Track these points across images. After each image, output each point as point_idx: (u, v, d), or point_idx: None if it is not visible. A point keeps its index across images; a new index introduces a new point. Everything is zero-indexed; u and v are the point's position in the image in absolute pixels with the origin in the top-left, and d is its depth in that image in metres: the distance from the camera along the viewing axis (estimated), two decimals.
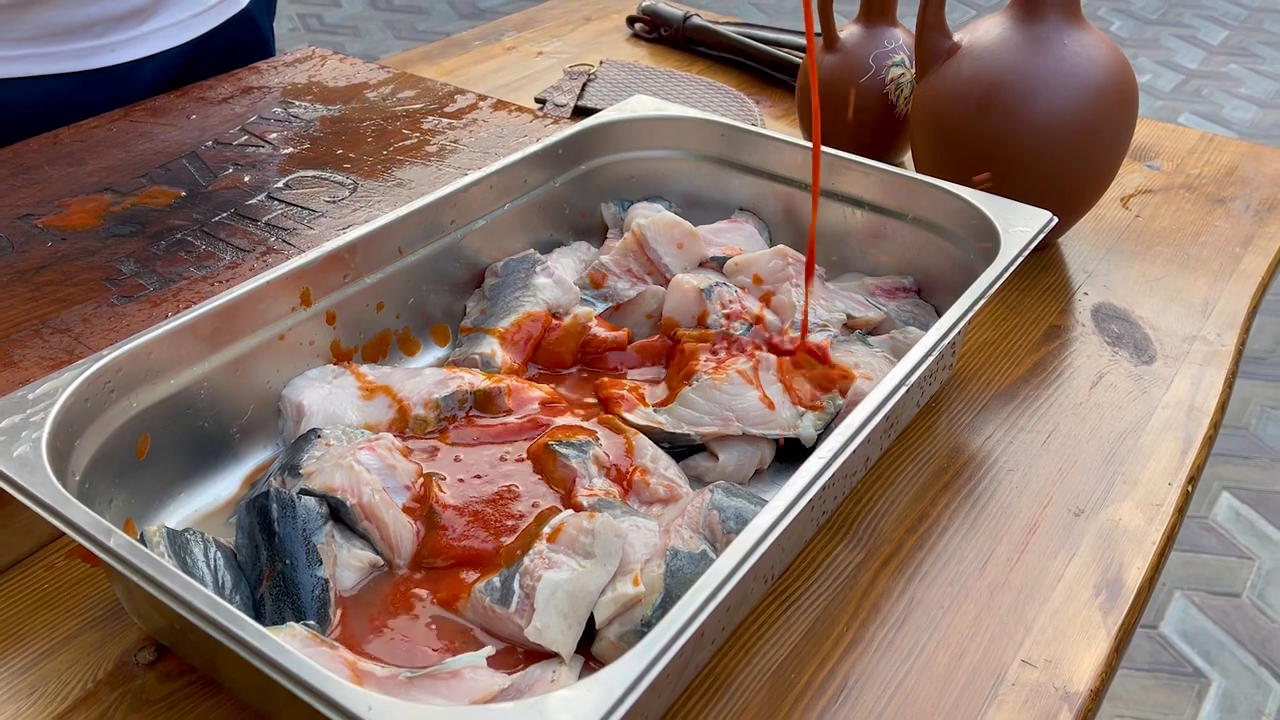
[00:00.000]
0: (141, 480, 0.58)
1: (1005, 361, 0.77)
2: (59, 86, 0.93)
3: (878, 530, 0.63)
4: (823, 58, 0.97)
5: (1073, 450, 0.69)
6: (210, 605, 0.43)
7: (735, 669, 0.54)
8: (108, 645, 0.54)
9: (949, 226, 0.75)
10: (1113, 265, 0.89)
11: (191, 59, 1.03)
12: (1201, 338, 0.80)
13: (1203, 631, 1.71)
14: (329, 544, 0.56)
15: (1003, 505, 0.65)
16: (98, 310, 0.69)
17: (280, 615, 0.52)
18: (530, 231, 0.80)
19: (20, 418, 0.52)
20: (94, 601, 0.57)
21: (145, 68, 0.99)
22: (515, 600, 0.53)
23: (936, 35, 0.86)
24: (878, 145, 0.96)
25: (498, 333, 0.72)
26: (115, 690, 0.52)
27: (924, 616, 0.57)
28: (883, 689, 0.53)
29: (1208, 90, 3.50)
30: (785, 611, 0.57)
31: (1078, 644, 0.56)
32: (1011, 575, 0.60)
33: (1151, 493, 0.66)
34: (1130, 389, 0.75)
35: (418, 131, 0.94)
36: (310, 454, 0.60)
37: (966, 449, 0.69)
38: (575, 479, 0.61)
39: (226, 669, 0.51)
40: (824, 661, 0.55)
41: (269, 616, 0.52)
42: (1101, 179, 0.85)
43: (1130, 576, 0.60)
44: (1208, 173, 1.03)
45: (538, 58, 1.26)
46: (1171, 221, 0.95)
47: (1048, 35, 0.82)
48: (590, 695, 0.40)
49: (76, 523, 0.46)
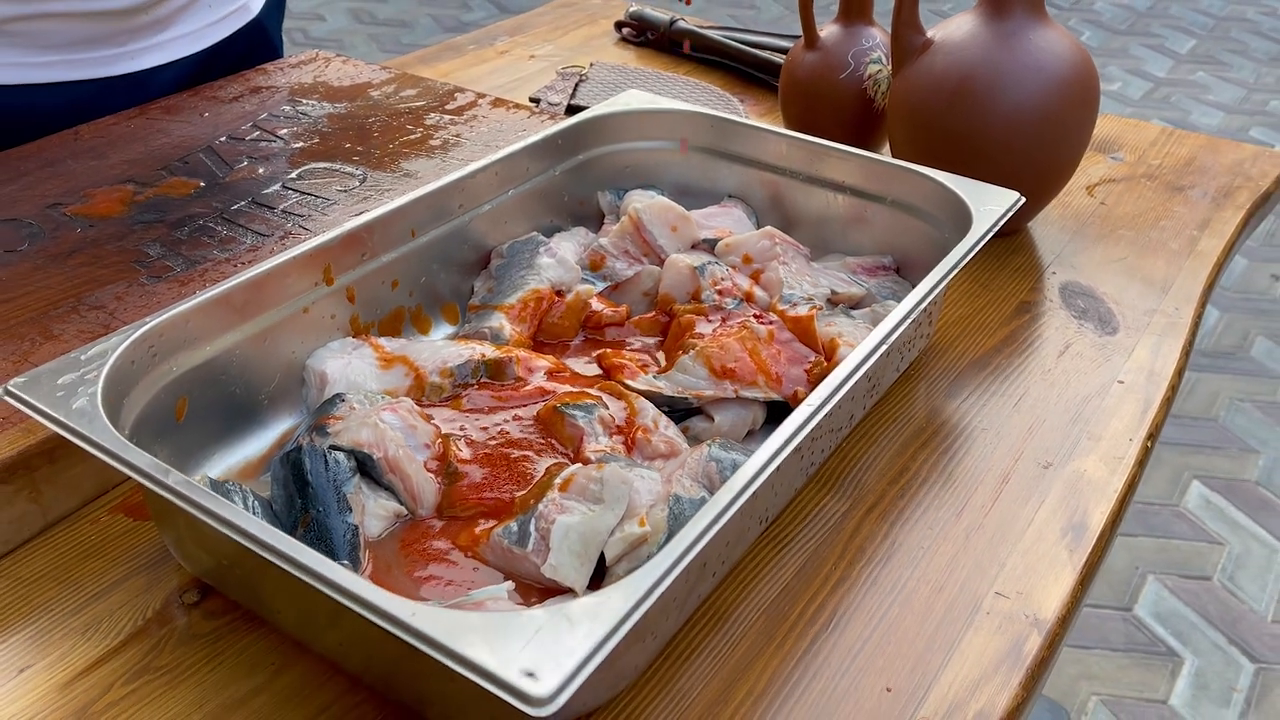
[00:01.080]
0: (180, 440, 0.62)
1: (979, 334, 0.83)
2: (82, 92, 0.98)
3: (862, 482, 0.68)
4: (804, 57, 1.02)
5: (1042, 411, 0.74)
6: (267, 533, 0.47)
7: (734, 602, 0.59)
8: (154, 589, 0.59)
9: (925, 208, 0.81)
10: (1079, 247, 0.95)
11: (205, 65, 1.08)
12: (1161, 311, 0.86)
13: (1175, 613, 1.77)
14: (357, 494, 0.60)
15: (977, 460, 0.70)
16: (129, 289, 0.73)
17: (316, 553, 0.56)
18: (532, 217, 0.85)
19: (75, 375, 0.56)
20: (139, 551, 0.61)
21: (163, 74, 1.03)
22: (532, 541, 0.58)
23: (911, 32, 0.91)
24: (858, 137, 1.02)
25: (505, 309, 0.77)
26: (164, 627, 0.57)
27: (905, 556, 0.62)
28: (869, 619, 0.58)
29: (1176, 97, 3.59)
30: (779, 553, 0.62)
31: (1046, 578, 0.61)
32: (986, 520, 0.65)
33: (1114, 447, 0.71)
34: (1095, 357, 0.80)
35: (421, 127, 0.99)
36: (336, 415, 0.65)
37: (943, 411, 0.74)
38: (583, 438, 0.66)
39: (272, 599, 0.55)
40: (814, 596, 0.60)
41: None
42: (1067, 165, 0.91)
43: (1094, 520, 0.65)
44: (1168, 163, 1.09)
45: (530, 60, 1.31)
46: (1134, 208, 1.01)
47: (1014, 31, 0.87)
48: (610, 601, 0.44)
49: (139, 465, 0.51)
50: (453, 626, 0.43)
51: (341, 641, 0.53)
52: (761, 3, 4.32)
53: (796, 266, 0.80)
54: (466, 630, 0.43)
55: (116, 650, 0.55)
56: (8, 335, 0.69)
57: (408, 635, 0.43)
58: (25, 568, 0.60)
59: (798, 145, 0.86)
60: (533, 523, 0.58)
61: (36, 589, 0.59)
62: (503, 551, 0.59)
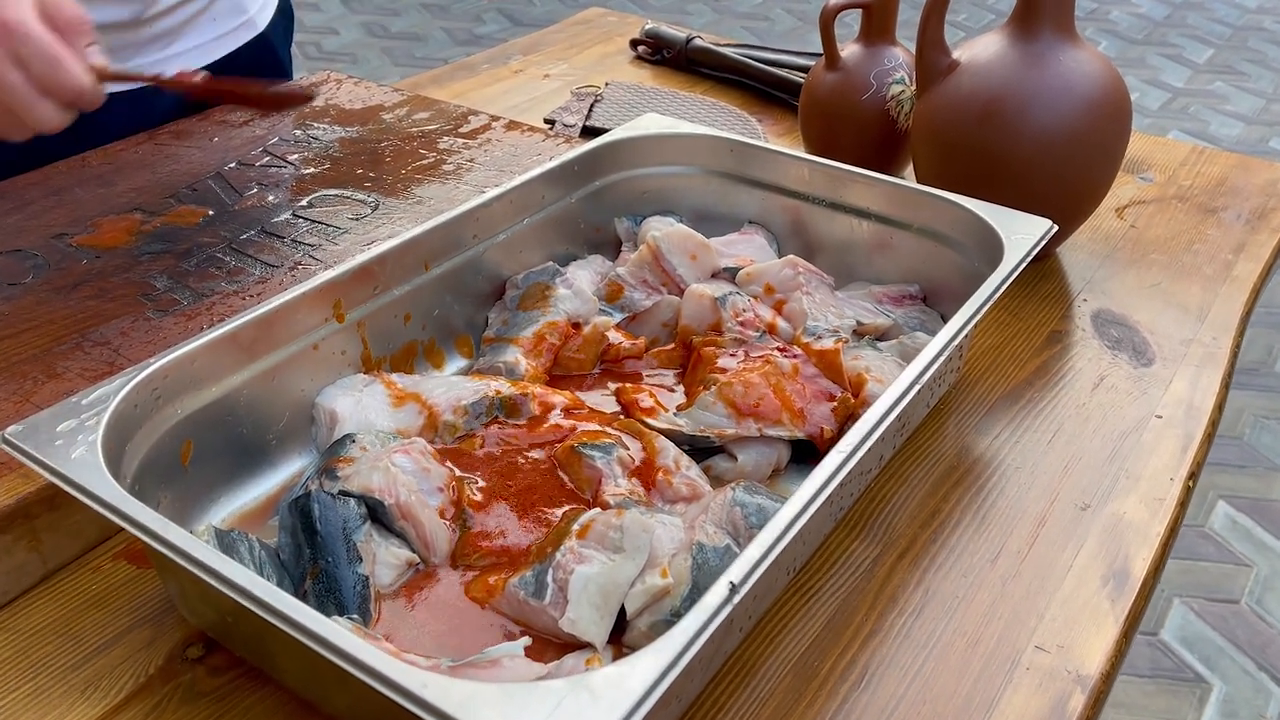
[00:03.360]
0: (185, 484, 0.60)
1: (1010, 365, 0.80)
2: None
3: (892, 526, 0.65)
4: (825, 77, 1.00)
5: (1077, 448, 0.72)
6: (268, 593, 0.45)
7: (761, 657, 0.56)
8: (158, 642, 0.57)
9: (953, 235, 0.78)
10: (1110, 273, 0.92)
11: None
12: (1198, 340, 0.83)
13: (1202, 638, 1.73)
14: (368, 542, 0.58)
15: (1011, 501, 0.67)
16: (135, 324, 0.71)
17: (324, 610, 0.54)
18: (547, 246, 0.83)
19: (75, 423, 0.54)
20: (142, 601, 0.59)
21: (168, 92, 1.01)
22: (550, 593, 0.55)
23: (936, 53, 0.89)
24: (880, 160, 0.99)
25: (520, 342, 0.74)
26: (167, 684, 0.54)
27: (939, 606, 0.60)
28: (902, 675, 0.56)
29: (1195, 108, 3.55)
30: (807, 603, 0.60)
31: (1088, 630, 0.58)
32: (1022, 566, 0.62)
33: (1154, 487, 0.68)
34: (1130, 390, 0.77)
35: (434, 151, 0.97)
36: (346, 456, 0.62)
37: (975, 448, 0.72)
38: (601, 479, 0.64)
39: (277, 658, 0.53)
40: (845, 650, 0.57)
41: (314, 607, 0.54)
42: (1098, 189, 0.89)
43: (1136, 567, 0.63)
44: (1199, 184, 1.07)
45: (544, 80, 1.29)
46: (1165, 230, 0.98)
47: (1044, 52, 0.85)
48: (634, 671, 0.42)
49: (137, 519, 0.48)
50: (467, 699, 0.41)
51: (351, 705, 0.51)
52: (776, 15, 4.30)
53: (820, 296, 0.78)
54: (482, 704, 0.40)
55: (118, 709, 0.53)
56: (10, 374, 0.67)
57: (419, 709, 0.41)
58: (25, 620, 0.58)
59: (820, 170, 0.83)
60: (550, 573, 0.56)
61: (36, 642, 0.57)
62: (518, 603, 0.56)
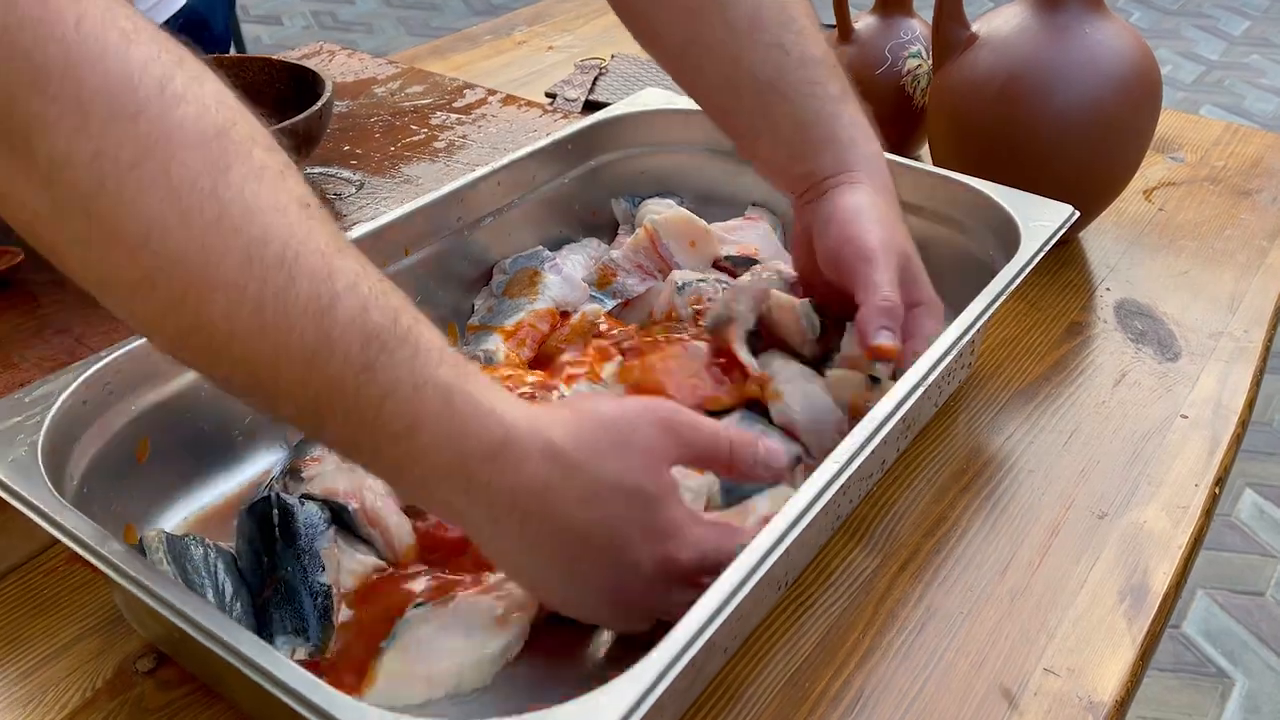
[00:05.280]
0: (142, 483, 0.57)
1: (1026, 359, 0.75)
2: None
3: (895, 534, 0.61)
4: (838, 50, 0.95)
5: (1095, 450, 0.67)
6: (208, 618, 0.42)
7: (747, 678, 0.53)
8: (108, 652, 0.53)
9: (966, 221, 0.74)
10: (1135, 260, 0.87)
11: None
12: (1228, 334, 0.78)
13: (1226, 631, 1.68)
14: (332, 549, 0.54)
15: (1023, 507, 0.63)
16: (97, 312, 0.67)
17: (283, 624, 0.51)
18: (539, 228, 0.79)
19: (17, 421, 0.51)
20: (95, 607, 0.56)
21: None
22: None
23: (954, 25, 0.84)
24: (894, 138, 0.94)
25: (504, 330, 0.70)
26: (114, 699, 0.51)
27: (942, 623, 0.56)
28: (900, 699, 0.52)
29: (1229, 81, 3.45)
30: (800, 617, 0.56)
31: (1102, 652, 0.54)
32: (1033, 580, 0.58)
33: (1177, 494, 0.64)
34: (1154, 387, 0.73)
35: (426, 127, 0.92)
36: (314, 456, 0.59)
37: (986, 449, 0.67)
38: None
39: (226, 680, 0.49)
40: (839, 669, 0.53)
41: (273, 625, 0.51)
42: (1124, 172, 0.83)
43: (1156, 582, 0.58)
44: (1233, 164, 1.01)
45: (548, 52, 1.24)
46: (1196, 215, 0.93)
47: (1068, 24, 0.80)
48: (607, 703, 0.38)
49: (72, 530, 0.45)
50: None
51: None
52: None
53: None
54: None
55: None
56: None
57: None
58: None
59: None
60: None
61: None
62: None
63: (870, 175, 0.63)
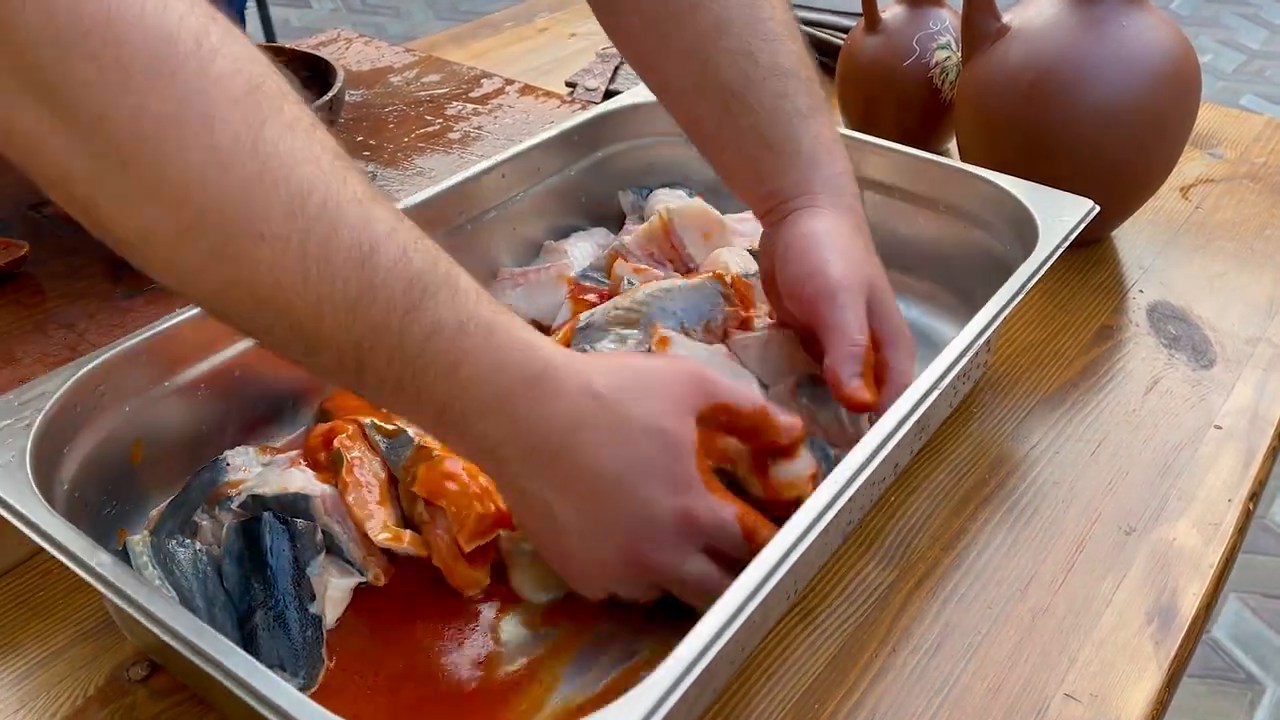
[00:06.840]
0: (136, 486, 0.56)
1: (1053, 364, 0.73)
2: None
3: (911, 547, 0.59)
4: (864, 40, 0.92)
5: (1124, 462, 0.65)
6: (196, 633, 0.40)
7: (753, 697, 0.51)
8: (100, 659, 0.52)
9: (984, 216, 0.71)
10: (1170, 261, 0.84)
11: None
12: (1266, 340, 0.75)
13: (1257, 636, 1.64)
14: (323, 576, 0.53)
15: (1047, 521, 0.61)
16: (102, 307, 0.67)
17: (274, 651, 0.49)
18: (546, 219, 0.77)
19: (7, 424, 0.49)
20: (88, 612, 0.55)
21: None
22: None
23: (985, 16, 0.81)
24: (922, 133, 0.92)
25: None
26: (105, 707, 0.50)
27: (959, 643, 0.53)
28: None
29: (1271, 71, 3.37)
30: (810, 633, 0.54)
31: (1127, 677, 0.52)
32: (1055, 599, 0.56)
33: (1209, 510, 0.61)
34: (1188, 395, 0.70)
35: (441, 117, 0.91)
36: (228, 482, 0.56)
37: (1009, 459, 0.65)
38: None
39: (215, 692, 0.48)
40: (850, 690, 0.51)
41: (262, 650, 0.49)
42: (1160, 169, 0.80)
43: (1185, 603, 0.56)
44: (1274, 161, 0.97)
45: (570, 39, 1.22)
46: (1235, 214, 0.90)
47: (1104, 16, 0.76)
48: None
49: (59, 540, 0.44)
50: None
51: None
52: None
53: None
54: None
55: None
56: None
57: None
58: None
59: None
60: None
61: None
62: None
63: (833, 198, 0.60)
